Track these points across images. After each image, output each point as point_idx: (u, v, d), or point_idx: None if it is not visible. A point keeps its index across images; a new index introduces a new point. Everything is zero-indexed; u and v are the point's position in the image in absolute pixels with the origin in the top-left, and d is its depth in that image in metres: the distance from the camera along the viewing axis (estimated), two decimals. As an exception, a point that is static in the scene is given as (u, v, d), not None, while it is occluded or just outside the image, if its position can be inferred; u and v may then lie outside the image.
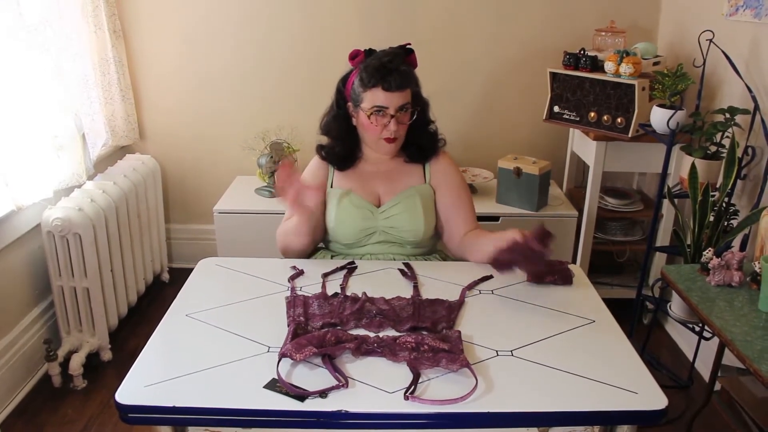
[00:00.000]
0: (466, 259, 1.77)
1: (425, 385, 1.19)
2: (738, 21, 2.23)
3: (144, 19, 2.93)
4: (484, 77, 3.04)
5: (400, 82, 1.67)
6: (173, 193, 3.25)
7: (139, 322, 2.79)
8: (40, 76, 2.24)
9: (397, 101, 1.68)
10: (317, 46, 2.97)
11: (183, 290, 1.55)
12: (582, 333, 1.38)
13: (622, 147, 2.52)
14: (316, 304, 1.46)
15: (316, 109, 1.90)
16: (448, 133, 1.89)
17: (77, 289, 2.37)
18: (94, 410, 2.25)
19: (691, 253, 2.08)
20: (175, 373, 1.21)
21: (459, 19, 2.93)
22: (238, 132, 3.06)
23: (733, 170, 2.01)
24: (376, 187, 1.81)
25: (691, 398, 2.34)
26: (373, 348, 1.29)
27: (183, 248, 3.31)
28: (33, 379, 2.36)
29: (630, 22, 2.89)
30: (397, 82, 1.66)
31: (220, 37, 2.97)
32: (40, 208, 2.30)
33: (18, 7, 2.10)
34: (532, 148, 3.08)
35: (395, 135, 1.72)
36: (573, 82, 2.56)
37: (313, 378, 1.20)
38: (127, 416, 1.15)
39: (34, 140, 2.21)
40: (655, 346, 2.67)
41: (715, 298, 1.54)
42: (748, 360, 1.30)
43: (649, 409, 1.14)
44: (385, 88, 1.66)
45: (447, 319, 1.41)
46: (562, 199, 2.89)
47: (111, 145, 2.85)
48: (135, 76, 3.03)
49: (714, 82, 2.40)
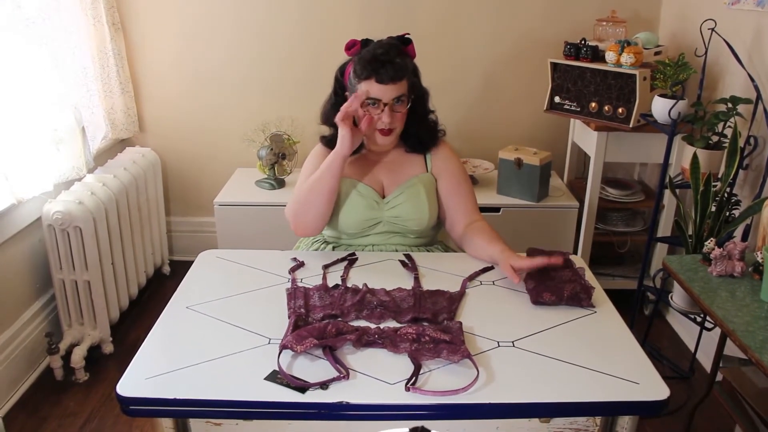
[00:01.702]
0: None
1: (426, 377, 1.18)
2: (740, 10, 2.22)
3: (143, 12, 2.92)
4: (484, 68, 3.02)
5: (393, 74, 1.65)
6: (173, 185, 3.25)
7: (140, 315, 2.79)
8: (38, 70, 2.24)
9: (390, 93, 1.67)
10: (316, 38, 2.95)
11: (183, 283, 1.55)
12: (583, 324, 1.38)
13: (623, 137, 2.52)
14: (317, 296, 1.46)
15: (315, 100, 1.89)
16: (448, 124, 1.88)
17: (78, 283, 2.37)
18: (96, 403, 2.25)
19: (693, 243, 2.08)
20: (176, 366, 1.21)
21: (459, 9, 2.92)
22: (238, 124, 3.05)
23: (734, 160, 2.00)
24: (380, 177, 1.81)
25: (692, 389, 2.34)
26: (374, 339, 1.28)
27: (184, 241, 3.31)
28: (35, 373, 2.37)
29: (631, 11, 2.87)
30: (390, 74, 1.64)
31: (220, 29, 2.96)
32: (41, 202, 2.30)
33: (16, 0, 2.09)
34: (532, 138, 3.07)
35: (390, 126, 1.70)
36: (574, 72, 2.55)
37: (314, 369, 1.20)
38: (129, 408, 1.15)
39: (34, 134, 2.21)
40: (657, 337, 2.67)
41: (717, 289, 1.54)
42: (749, 350, 1.30)
43: (651, 400, 1.14)
44: (378, 80, 1.65)
45: (448, 310, 1.40)
46: (563, 190, 2.88)
47: (111, 138, 2.84)
48: (134, 68, 3.02)
49: (716, 72, 2.39)
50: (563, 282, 1.47)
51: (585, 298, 1.44)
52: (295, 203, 1.74)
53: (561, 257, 1.52)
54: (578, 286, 1.45)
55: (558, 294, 1.44)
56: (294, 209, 1.74)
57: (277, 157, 2.84)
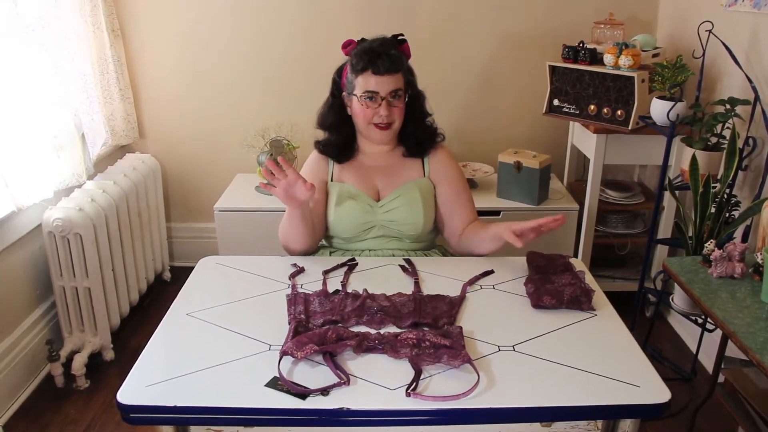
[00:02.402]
0: (468, 254, 1.76)
1: (427, 382, 1.18)
2: (737, 11, 2.22)
3: (142, 18, 2.93)
4: (483, 71, 3.03)
5: (389, 65, 1.66)
6: (174, 191, 3.25)
7: (141, 321, 2.79)
8: (38, 76, 2.24)
9: (387, 85, 1.67)
10: (315, 43, 2.96)
11: (183, 289, 1.55)
12: (584, 327, 1.38)
13: (622, 139, 2.52)
14: (317, 302, 1.46)
15: (315, 106, 1.89)
16: (447, 127, 1.88)
17: (79, 289, 2.37)
18: (97, 410, 2.25)
19: (693, 245, 2.08)
20: (176, 373, 1.21)
21: (457, 13, 2.92)
22: (238, 130, 3.05)
23: (734, 161, 2.00)
24: (376, 181, 1.81)
25: (694, 390, 2.33)
26: (375, 345, 1.28)
27: (184, 247, 3.31)
28: (36, 380, 2.36)
29: (629, 14, 2.88)
30: (386, 65, 1.66)
31: (219, 35, 2.97)
32: (41, 209, 2.30)
33: (16, 7, 2.09)
34: (532, 141, 3.07)
35: (387, 120, 1.70)
36: (572, 75, 2.55)
37: (314, 376, 1.20)
38: (129, 416, 1.15)
39: (34, 141, 2.21)
40: (658, 339, 2.67)
41: (718, 290, 1.54)
42: (750, 351, 1.30)
43: (652, 403, 1.14)
44: (374, 71, 1.66)
45: (448, 315, 1.40)
46: (562, 192, 2.88)
47: (111, 144, 2.84)
48: (134, 75, 3.02)
49: (714, 73, 2.39)
50: (563, 285, 1.47)
51: (585, 301, 1.44)
52: (280, 231, 1.76)
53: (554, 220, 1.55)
54: (578, 290, 1.45)
55: (558, 297, 1.44)
56: (281, 236, 1.76)
57: (274, 163, 2.84)
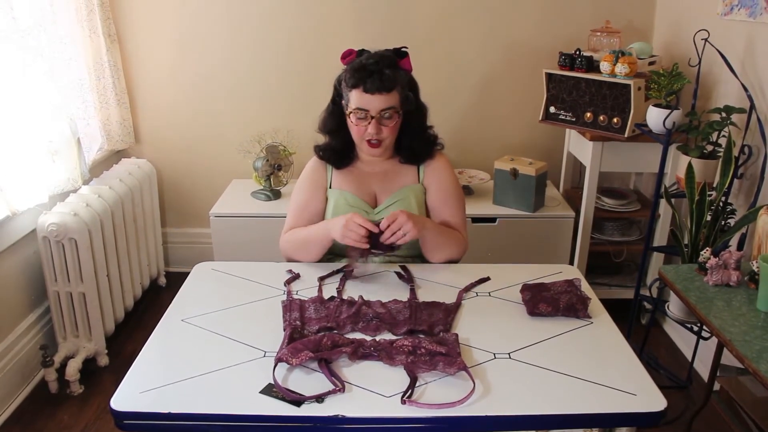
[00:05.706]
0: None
1: (422, 389, 1.18)
2: (733, 20, 2.23)
3: (139, 23, 2.93)
4: (479, 78, 3.03)
5: (380, 85, 1.63)
6: (169, 196, 3.24)
7: (136, 327, 2.77)
8: (34, 81, 2.23)
9: (378, 104, 1.65)
10: (312, 49, 2.96)
11: (178, 295, 1.54)
12: (580, 335, 1.38)
13: (618, 147, 2.52)
14: (313, 308, 1.45)
15: (311, 112, 1.89)
16: (443, 134, 1.88)
17: (73, 295, 2.36)
18: (91, 416, 2.23)
19: (689, 252, 2.08)
20: (170, 379, 1.20)
21: (454, 20, 2.93)
22: (234, 135, 3.05)
23: (729, 169, 2.00)
24: (373, 187, 1.81)
25: (690, 398, 2.33)
26: (370, 352, 1.28)
27: (180, 252, 3.30)
28: (29, 385, 2.35)
29: (625, 22, 2.89)
30: (376, 84, 1.62)
31: (215, 41, 2.97)
32: (36, 214, 2.29)
33: (11, 12, 2.09)
34: (528, 149, 3.08)
35: (377, 138, 1.69)
36: (569, 82, 2.56)
37: (309, 383, 1.19)
38: (123, 423, 1.14)
39: (29, 145, 2.20)
40: (654, 347, 2.66)
41: (713, 298, 1.54)
42: (746, 360, 1.30)
43: (648, 411, 1.14)
44: (364, 89, 1.64)
45: (444, 322, 1.40)
46: (558, 199, 2.88)
47: (106, 149, 2.84)
48: (130, 80, 3.02)
49: (710, 82, 2.40)
50: (559, 293, 1.47)
51: (581, 309, 1.44)
52: (289, 245, 1.75)
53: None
54: (574, 297, 1.45)
55: (554, 305, 1.43)
56: (286, 250, 1.76)
57: (273, 168, 2.84)
